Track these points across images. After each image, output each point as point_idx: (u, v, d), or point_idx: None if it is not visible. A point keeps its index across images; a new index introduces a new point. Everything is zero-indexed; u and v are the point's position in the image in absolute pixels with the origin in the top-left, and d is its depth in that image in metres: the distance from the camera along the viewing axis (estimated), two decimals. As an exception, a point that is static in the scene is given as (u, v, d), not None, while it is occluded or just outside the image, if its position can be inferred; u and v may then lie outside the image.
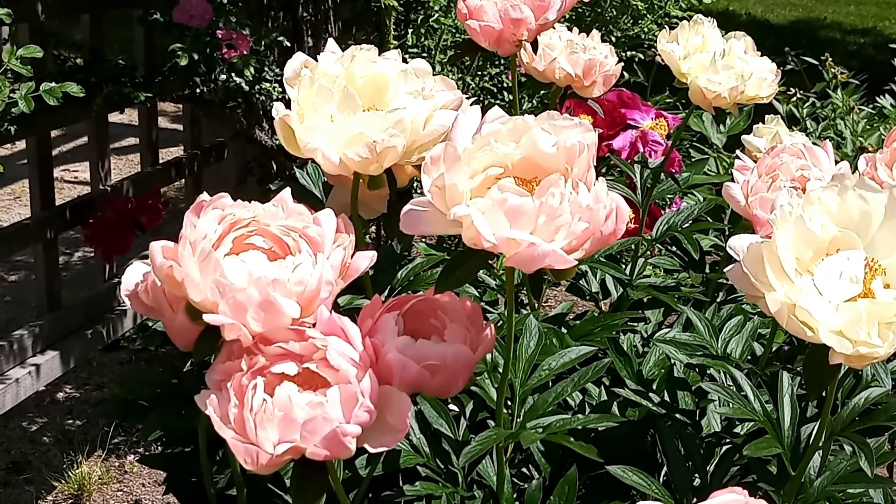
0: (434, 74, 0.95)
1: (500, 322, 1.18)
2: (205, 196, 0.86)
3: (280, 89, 2.17)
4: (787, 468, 1.00)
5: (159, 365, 2.81)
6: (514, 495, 1.07)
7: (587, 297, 1.57)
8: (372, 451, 0.78)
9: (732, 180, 1.11)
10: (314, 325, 0.81)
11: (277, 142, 2.26)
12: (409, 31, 2.20)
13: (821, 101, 3.25)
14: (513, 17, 1.08)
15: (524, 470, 1.21)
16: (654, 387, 1.28)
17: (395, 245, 1.07)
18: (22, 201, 3.86)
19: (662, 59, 1.41)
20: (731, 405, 1.01)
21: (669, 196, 1.66)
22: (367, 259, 0.90)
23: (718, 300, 1.75)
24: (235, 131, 2.28)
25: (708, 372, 1.25)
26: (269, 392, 0.78)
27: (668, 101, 3.53)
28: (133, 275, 0.87)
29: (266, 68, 2.17)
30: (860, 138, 2.66)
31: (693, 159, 2.49)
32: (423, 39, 2.21)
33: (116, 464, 2.43)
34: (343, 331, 0.80)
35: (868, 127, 3.00)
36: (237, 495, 0.96)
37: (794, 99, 3.13)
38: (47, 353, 1.96)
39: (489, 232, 0.74)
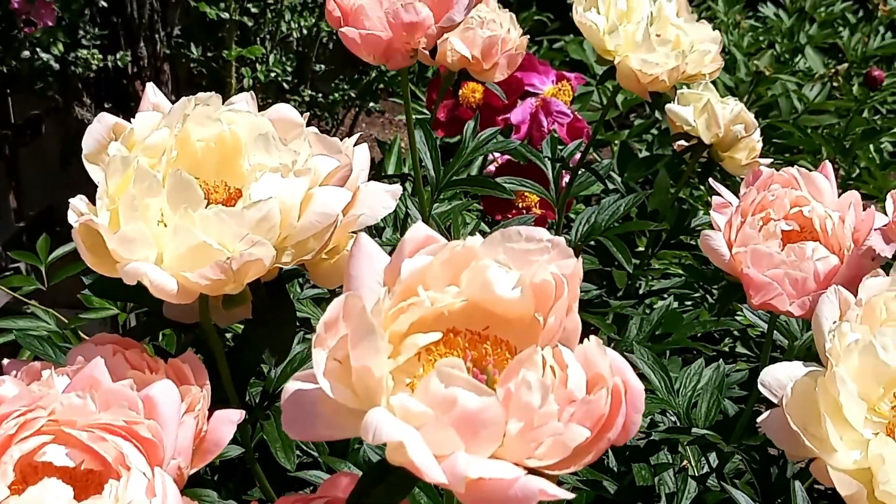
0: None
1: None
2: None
3: (100, 56, 1.81)
4: None
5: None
6: None
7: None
8: None
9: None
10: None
11: (103, 119, 1.90)
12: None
13: (698, 8, 3.02)
14: (406, 20, 0.77)
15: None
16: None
17: (267, 357, 0.78)
18: None
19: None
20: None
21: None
22: (230, 425, 0.61)
23: (642, 292, 1.51)
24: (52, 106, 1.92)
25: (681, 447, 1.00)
26: None
27: (535, 18, 3.25)
28: None
29: (81, 30, 1.81)
30: (755, 62, 2.43)
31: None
32: None
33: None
34: None
35: (753, 41, 2.79)
36: None
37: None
38: None
39: (433, 465, 0.45)
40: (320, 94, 2.09)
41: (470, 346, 0.52)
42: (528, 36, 1.23)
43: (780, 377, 0.60)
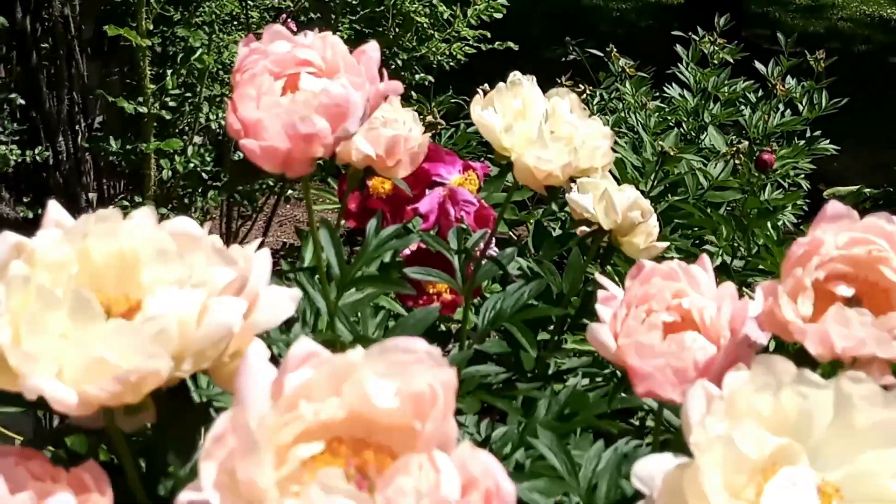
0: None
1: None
2: None
3: (19, 151, 1.83)
4: None
5: None
6: None
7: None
8: None
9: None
10: None
11: (23, 213, 1.92)
12: (169, 71, 1.89)
13: (607, 90, 3.12)
14: (303, 132, 0.81)
15: None
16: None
17: (173, 460, 0.80)
18: None
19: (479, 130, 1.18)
20: None
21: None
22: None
23: (552, 371, 1.55)
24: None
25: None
26: None
27: (451, 100, 3.33)
28: None
29: (-3, 126, 1.83)
30: (660, 143, 2.52)
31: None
32: (184, 79, 1.91)
33: None
34: None
35: (660, 120, 2.89)
36: None
37: (584, 96, 2.98)
38: None
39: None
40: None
41: (353, 454, 0.55)
42: (443, 122, 1.27)
43: (651, 470, 0.64)
